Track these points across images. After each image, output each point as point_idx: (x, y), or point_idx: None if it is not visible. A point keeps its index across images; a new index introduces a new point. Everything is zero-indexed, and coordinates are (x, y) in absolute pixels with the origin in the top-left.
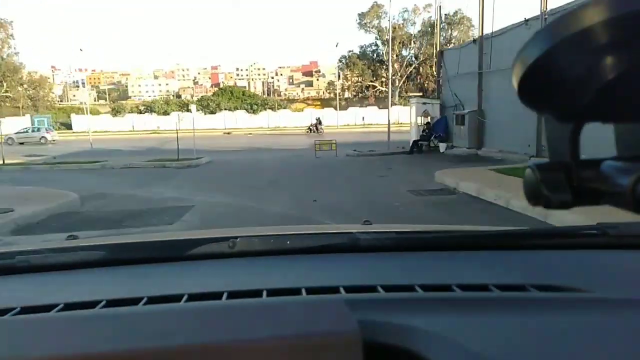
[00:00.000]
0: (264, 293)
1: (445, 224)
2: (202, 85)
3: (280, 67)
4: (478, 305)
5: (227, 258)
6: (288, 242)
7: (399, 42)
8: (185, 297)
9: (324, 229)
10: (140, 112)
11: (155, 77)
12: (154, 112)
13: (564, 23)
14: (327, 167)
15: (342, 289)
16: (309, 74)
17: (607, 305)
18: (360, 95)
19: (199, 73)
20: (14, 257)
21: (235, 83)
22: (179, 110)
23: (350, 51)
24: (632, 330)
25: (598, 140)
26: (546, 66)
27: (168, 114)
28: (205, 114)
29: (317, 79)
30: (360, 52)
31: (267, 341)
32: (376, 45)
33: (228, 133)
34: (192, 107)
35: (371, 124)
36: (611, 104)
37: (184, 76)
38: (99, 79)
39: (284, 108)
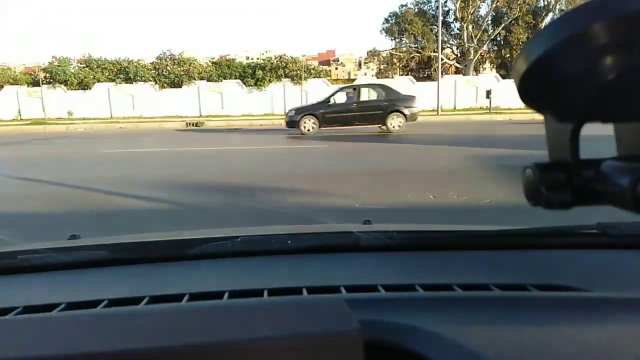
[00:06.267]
0: (265, 293)
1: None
2: None
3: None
4: (479, 304)
5: (228, 258)
6: (289, 242)
7: None
8: (186, 297)
9: (324, 228)
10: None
11: None
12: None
13: (566, 22)
14: None
15: (343, 289)
16: (326, 63)
17: (607, 305)
18: (412, 73)
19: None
20: (16, 257)
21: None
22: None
23: (403, 6)
24: (632, 330)
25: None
26: (547, 65)
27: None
28: (162, 87)
29: (336, 68)
30: (416, 10)
31: (268, 341)
32: None
33: (196, 125)
34: None
35: (503, 109)
36: (611, 104)
37: None
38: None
39: (317, 76)
